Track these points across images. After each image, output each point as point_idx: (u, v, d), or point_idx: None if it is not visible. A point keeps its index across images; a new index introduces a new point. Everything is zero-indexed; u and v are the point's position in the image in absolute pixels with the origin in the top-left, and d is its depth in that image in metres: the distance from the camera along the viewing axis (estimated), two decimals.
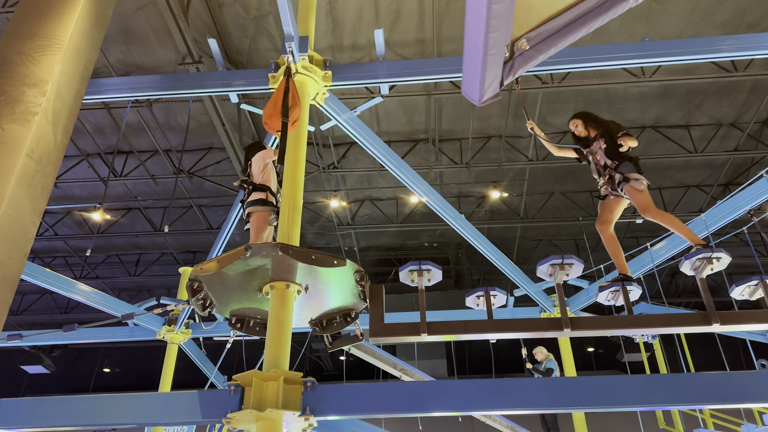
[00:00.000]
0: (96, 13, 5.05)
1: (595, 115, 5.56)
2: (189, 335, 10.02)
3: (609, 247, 5.07)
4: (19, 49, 4.55)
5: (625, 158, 5.01)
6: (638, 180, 4.84)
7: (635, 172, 4.91)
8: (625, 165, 4.98)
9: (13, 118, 4.16)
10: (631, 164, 4.98)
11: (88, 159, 12.62)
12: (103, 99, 6.20)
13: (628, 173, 4.91)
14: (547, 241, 15.66)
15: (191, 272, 4.38)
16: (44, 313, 18.61)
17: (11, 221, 3.84)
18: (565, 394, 4.09)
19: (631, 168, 4.95)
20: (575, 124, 5.47)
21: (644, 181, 4.89)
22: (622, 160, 5.01)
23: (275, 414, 3.84)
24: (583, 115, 5.53)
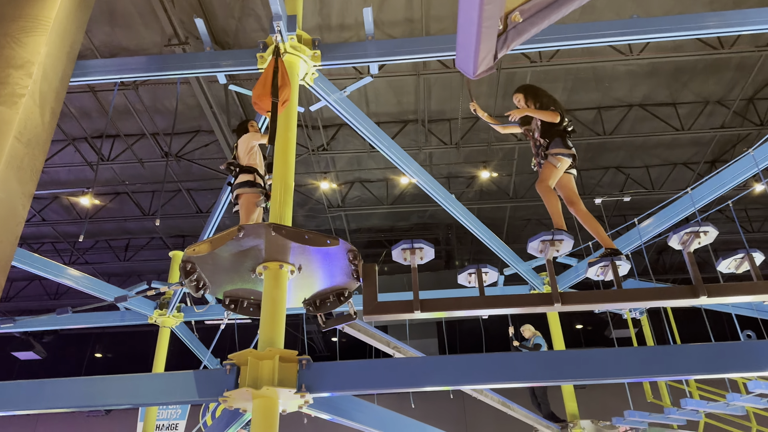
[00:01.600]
0: None
1: (537, 89, 5.35)
2: (181, 319, 10.04)
3: (587, 224, 4.99)
4: (3, 30, 4.49)
5: (556, 135, 4.93)
6: (556, 157, 4.82)
7: (561, 148, 4.87)
8: (554, 141, 4.92)
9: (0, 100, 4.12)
10: (560, 140, 4.91)
11: (75, 143, 12.49)
12: (89, 81, 6.13)
13: (553, 149, 4.87)
14: (537, 220, 15.77)
15: (184, 253, 4.39)
16: (34, 300, 18.51)
17: (1, 205, 3.82)
18: (554, 367, 4.17)
19: (558, 144, 4.89)
20: (517, 98, 5.31)
21: (565, 158, 4.84)
22: (553, 137, 4.95)
23: (271, 391, 3.88)
24: (525, 88, 5.35)
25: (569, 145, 4.92)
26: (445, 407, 15.97)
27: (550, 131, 4.96)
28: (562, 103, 5.27)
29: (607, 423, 9.52)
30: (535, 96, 5.18)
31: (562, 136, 4.92)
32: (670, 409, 8.61)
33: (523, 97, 5.22)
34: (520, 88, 5.36)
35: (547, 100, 5.10)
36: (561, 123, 4.98)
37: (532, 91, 5.27)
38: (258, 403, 3.90)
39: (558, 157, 4.83)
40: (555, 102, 5.11)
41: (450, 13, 9.70)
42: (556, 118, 4.90)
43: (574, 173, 5.06)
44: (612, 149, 13.49)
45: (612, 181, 14.44)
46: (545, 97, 5.16)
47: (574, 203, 4.98)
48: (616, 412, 9.61)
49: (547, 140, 4.94)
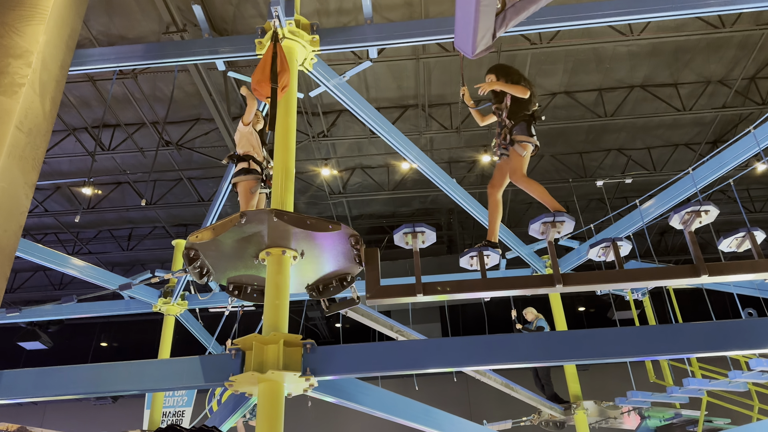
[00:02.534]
0: None
1: (509, 68, 5.31)
2: (185, 306, 10.09)
3: (491, 211, 5.01)
4: (2, 20, 4.47)
5: (522, 119, 4.92)
6: (522, 144, 4.82)
7: (525, 134, 4.86)
8: (519, 125, 4.91)
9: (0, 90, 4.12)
10: (525, 125, 4.90)
11: (75, 133, 12.48)
12: (88, 70, 6.12)
13: (517, 135, 4.86)
14: (538, 204, 15.73)
15: (187, 241, 4.42)
16: (38, 291, 18.61)
17: (4, 194, 3.84)
18: (557, 348, 4.20)
19: (523, 129, 4.89)
20: (489, 78, 5.28)
21: (530, 145, 4.84)
22: (519, 121, 4.93)
23: (276, 375, 3.93)
24: (496, 68, 5.31)
25: (533, 132, 4.93)
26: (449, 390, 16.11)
27: (517, 113, 4.95)
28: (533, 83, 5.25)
29: (610, 403, 9.61)
30: (506, 75, 5.15)
31: (528, 122, 4.93)
32: (672, 388, 8.68)
33: (495, 77, 5.21)
34: (492, 67, 5.35)
35: (518, 77, 5.07)
36: (529, 106, 4.97)
37: (504, 70, 5.25)
38: (264, 387, 3.94)
39: (523, 144, 4.84)
40: (525, 79, 5.07)
41: None
42: (526, 93, 4.86)
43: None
44: (613, 131, 13.45)
45: (614, 163, 14.41)
46: (516, 74, 5.13)
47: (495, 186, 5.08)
48: (619, 392, 9.69)
49: (512, 122, 4.93)
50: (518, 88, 4.89)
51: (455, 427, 5.45)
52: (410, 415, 4.96)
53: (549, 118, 12.48)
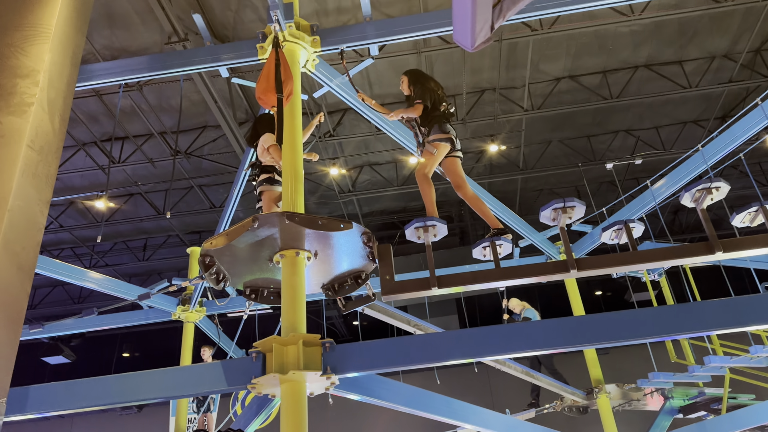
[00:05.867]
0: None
1: (419, 75, 5.46)
2: (204, 313, 10.18)
3: (475, 207, 5.04)
4: (7, 41, 4.53)
5: (434, 121, 4.99)
6: (433, 144, 4.89)
7: (438, 133, 4.92)
8: (433, 129, 4.98)
9: (9, 110, 4.18)
10: (437, 126, 4.97)
11: (85, 148, 12.62)
12: (94, 85, 6.19)
13: (431, 137, 4.94)
14: (548, 190, 15.71)
15: (202, 247, 4.46)
16: (58, 305, 18.85)
17: (20, 212, 3.90)
18: (576, 333, 4.21)
19: (436, 131, 4.95)
20: (402, 80, 5.43)
21: (443, 144, 4.88)
22: (431, 125, 5.00)
23: (298, 375, 3.97)
24: (409, 72, 5.48)
25: (446, 129, 4.98)
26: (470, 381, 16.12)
27: (428, 119, 5.04)
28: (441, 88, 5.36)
29: (632, 386, 9.58)
30: (415, 81, 5.32)
31: (440, 122, 4.99)
32: (694, 367, 8.63)
33: (407, 80, 5.40)
34: (406, 71, 5.53)
35: (420, 89, 5.18)
36: (439, 107, 5.06)
37: (414, 76, 5.42)
38: (286, 388, 3.98)
39: (434, 143, 4.90)
40: (426, 91, 5.15)
41: None
42: (418, 111, 5.00)
43: (460, 155, 5.14)
44: (620, 112, 13.37)
45: (622, 144, 14.33)
46: (421, 85, 5.24)
47: (460, 187, 5.06)
48: (641, 374, 9.66)
49: (427, 128, 5.02)
50: (410, 111, 5.06)
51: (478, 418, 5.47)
52: (433, 408, 4.99)
53: (554, 103, 12.44)
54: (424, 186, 4.92)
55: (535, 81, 12.02)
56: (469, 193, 5.02)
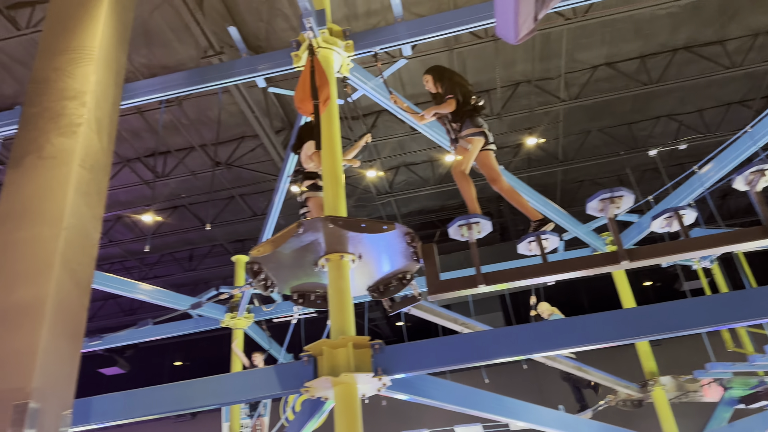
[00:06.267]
0: (119, 18, 5.16)
1: (443, 70, 5.38)
2: (252, 319, 10.36)
3: (512, 200, 4.98)
4: (53, 65, 4.71)
5: (465, 116, 4.91)
6: (467, 139, 4.81)
7: (471, 128, 4.85)
8: (465, 124, 4.90)
9: (59, 132, 4.34)
10: (469, 121, 4.89)
11: (130, 164, 12.99)
12: (136, 102, 6.37)
13: (464, 132, 4.86)
14: (590, 181, 15.41)
15: (250, 255, 4.54)
16: (111, 318, 19.45)
17: (75, 230, 4.04)
18: (628, 325, 4.11)
19: (468, 125, 4.88)
20: (426, 79, 5.35)
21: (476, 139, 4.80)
22: (463, 119, 4.92)
23: (349, 377, 3.99)
24: (432, 70, 5.39)
25: (478, 122, 4.90)
26: (519, 378, 15.93)
27: (459, 113, 4.97)
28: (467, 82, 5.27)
29: (688, 377, 9.30)
30: (440, 78, 5.25)
31: (471, 116, 4.92)
32: (753, 356, 8.33)
33: (431, 78, 5.33)
34: (428, 69, 5.44)
35: (448, 84, 5.11)
36: (469, 102, 4.98)
37: (438, 72, 5.33)
38: (338, 390, 4.01)
39: (468, 138, 4.82)
40: (454, 86, 5.08)
41: None
42: (452, 107, 4.93)
43: (494, 148, 5.04)
44: (660, 97, 13.01)
45: (664, 130, 13.95)
46: (447, 80, 5.18)
47: (495, 180, 4.97)
48: (696, 365, 9.36)
49: (459, 124, 4.95)
50: (442, 107, 5.00)
51: (532, 415, 5.40)
52: (485, 406, 4.94)
53: (592, 91, 12.20)
54: (462, 183, 4.89)
55: (571, 70, 11.81)
56: (505, 186, 4.97)
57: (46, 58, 4.77)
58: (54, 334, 3.64)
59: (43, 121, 4.42)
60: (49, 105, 4.49)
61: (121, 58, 5.24)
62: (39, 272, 3.76)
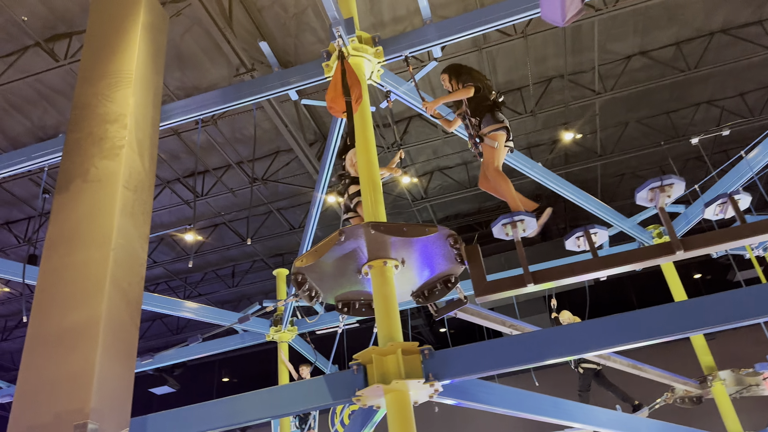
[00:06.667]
0: (153, 41, 5.27)
1: (459, 67, 5.35)
2: (296, 332, 10.39)
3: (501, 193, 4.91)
4: (93, 91, 4.84)
5: (485, 111, 4.85)
6: (490, 135, 4.74)
7: (492, 123, 4.78)
8: (485, 119, 4.83)
9: (103, 155, 4.44)
10: (490, 116, 4.82)
11: (169, 185, 13.26)
12: (174, 123, 6.48)
13: (485, 128, 4.78)
14: (630, 173, 15.03)
15: (293, 266, 4.54)
16: (159, 338, 19.85)
17: (123, 250, 4.11)
18: (684, 318, 3.95)
19: (488, 120, 4.80)
20: (443, 79, 5.32)
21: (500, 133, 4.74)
22: (483, 114, 4.86)
23: (401, 384, 3.93)
24: (448, 68, 5.37)
25: (499, 117, 4.84)
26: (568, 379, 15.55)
27: (478, 108, 4.92)
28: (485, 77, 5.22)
29: (749, 370, 8.91)
30: (457, 74, 5.24)
31: (492, 111, 4.87)
32: None
33: (448, 77, 5.33)
34: (445, 69, 5.45)
35: (465, 77, 5.09)
36: (488, 96, 4.94)
37: (455, 70, 5.34)
38: (390, 398, 3.96)
39: (492, 134, 4.75)
40: (472, 77, 5.06)
41: None
42: (470, 92, 4.91)
43: (511, 146, 4.98)
44: (699, 83, 12.63)
45: (705, 117, 13.53)
46: (464, 74, 5.17)
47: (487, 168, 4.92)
48: (755, 358, 8.98)
49: (478, 118, 4.89)
50: (458, 93, 4.99)
51: (589, 417, 5.24)
52: (540, 409, 4.82)
53: (627, 82, 11.93)
54: (499, 181, 4.81)
55: (605, 62, 11.57)
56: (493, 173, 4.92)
57: (87, 84, 4.90)
58: (108, 354, 3.69)
59: (86, 146, 4.52)
60: (92, 129, 4.60)
61: (157, 79, 5.35)
62: (91, 294, 3.83)
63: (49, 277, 4.00)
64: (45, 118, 11.11)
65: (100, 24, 5.24)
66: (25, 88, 10.37)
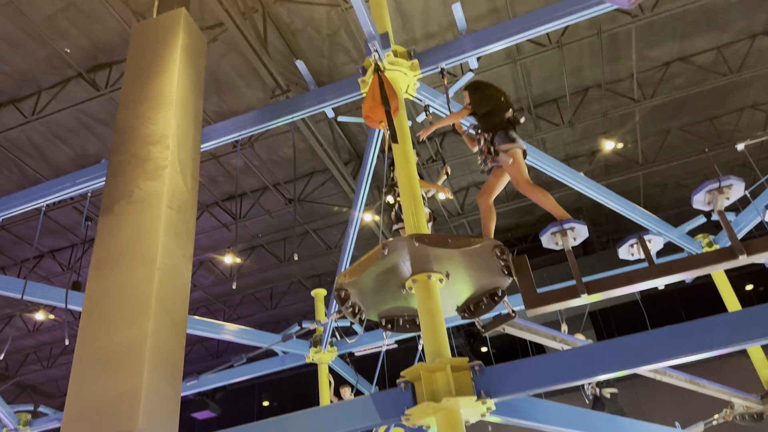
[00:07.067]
0: (193, 64, 5.33)
1: (479, 83, 5.37)
2: (335, 353, 10.27)
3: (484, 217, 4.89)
4: (135, 113, 4.89)
5: (498, 127, 4.80)
6: (508, 153, 4.65)
7: (506, 143, 4.68)
8: (498, 135, 4.76)
9: (146, 176, 4.47)
10: (503, 133, 4.74)
11: (208, 209, 13.42)
12: (214, 145, 6.53)
13: (499, 145, 4.69)
14: (674, 183, 14.60)
15: (336, 281, 4.47)
16: (199, 362, 19.96)
17: (168, 270, 4.10)
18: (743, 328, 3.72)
19: (502, 138, 4.72)
20: (464, 96, 5.34)
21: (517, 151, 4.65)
22: (496, 131, 4.80)
23: (452, 402, 3.78)
24: (468, 86, 5.38)
25: (512, 137, 4.75)
26: None
27: (490, 124, 4.89)
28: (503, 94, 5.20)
29: None
30: (474, 92, 5.28)
31: (505, 129, 4.80)
32: None
33: (467, 94, 5.36)
34: (466, 86, 5.47)
35: (477, 97, 5.14)
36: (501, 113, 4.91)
37: (473, 87, 5.37)
38: (441, 416, 3.81)
39: (509, 153, 4.67)
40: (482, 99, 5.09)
41: None
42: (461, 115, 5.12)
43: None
44: (741, 88, 12.24)
45: (750, 122, 13.08)
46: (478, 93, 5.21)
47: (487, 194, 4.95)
48: None
49: (490, 133, 4.85)
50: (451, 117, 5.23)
51: None
52: (598, 427, 4.59)
53: (667, 89, 11.64)
54: (535, 194, 4.66)
55: (643, 70, 11.32)
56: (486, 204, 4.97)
57: (129, 107, 4.97)
58: (155, 375, 3.65)
59: (130, 168, 4.56)
60: (135, 151, 4.64)
61: (198, 100, 5.40)
62: (137, 314, 3.81)
63: (95, 298, 4.01)
64: (87, 147, 11.41)
65: (141, 49, 5.33)
66: (68, 118, 10.68)
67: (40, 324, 16.89)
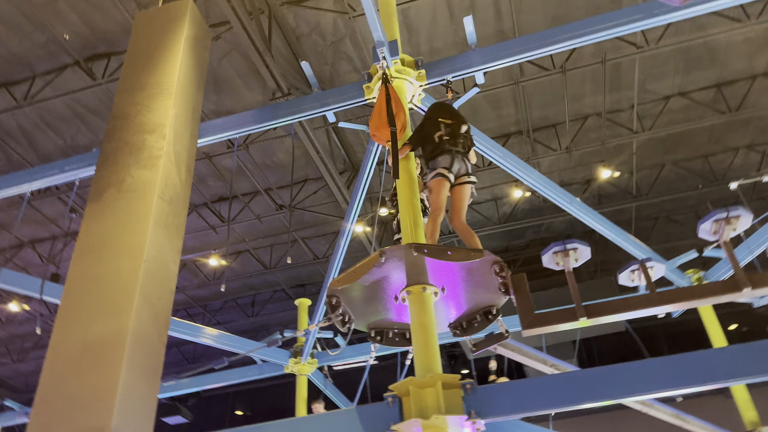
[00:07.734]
0: (195, 56, 5.21)
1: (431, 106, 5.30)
2: (315, 365, 10.05)
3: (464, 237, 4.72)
4: (132, 100, 4.75)
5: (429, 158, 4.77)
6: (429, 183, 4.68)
7: (431, 171, 4.68)
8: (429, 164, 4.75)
9: (139, 165, 4.32)
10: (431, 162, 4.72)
11: (197, 210, 13.20)
12: (210, 141, 6.39)
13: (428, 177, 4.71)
14: (665, 217, 14.62)
15: (329, 287, 4.33)
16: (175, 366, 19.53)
17: (155, 262, 3.94)
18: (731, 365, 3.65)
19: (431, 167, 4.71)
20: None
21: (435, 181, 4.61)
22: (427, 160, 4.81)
23: (440, 420, 3.63)
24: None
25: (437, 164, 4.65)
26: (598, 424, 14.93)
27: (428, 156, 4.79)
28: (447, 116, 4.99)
29: None
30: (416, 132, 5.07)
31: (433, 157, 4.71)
32: None
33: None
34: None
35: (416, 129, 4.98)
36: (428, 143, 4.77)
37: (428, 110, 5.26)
38: None
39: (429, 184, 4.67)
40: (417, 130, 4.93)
41: (542, 16, 9.38)
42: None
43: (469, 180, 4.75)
44: (739, 127, 12.33)
45: (744, 162, 13.16)
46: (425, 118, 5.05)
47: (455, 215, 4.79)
48: None
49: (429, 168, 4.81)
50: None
51: None
52: None
53: (665, 123, 11.69)
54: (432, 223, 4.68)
55: (643, 102, 11.36)
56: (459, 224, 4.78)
57: (127, 94, 4.82)
58: (133, 372, 3.48)
59: (123, 155, 4.41)
60: (129, 139, 4.49)
61: (198, 93, 5.27)
62: (119, 306, 3.64)
63: (76, 287, 3.83)
64: (78, 137, 11.19)
65: (144, 36, 5.21)
66: (61, 106, 10.47)
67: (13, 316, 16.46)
